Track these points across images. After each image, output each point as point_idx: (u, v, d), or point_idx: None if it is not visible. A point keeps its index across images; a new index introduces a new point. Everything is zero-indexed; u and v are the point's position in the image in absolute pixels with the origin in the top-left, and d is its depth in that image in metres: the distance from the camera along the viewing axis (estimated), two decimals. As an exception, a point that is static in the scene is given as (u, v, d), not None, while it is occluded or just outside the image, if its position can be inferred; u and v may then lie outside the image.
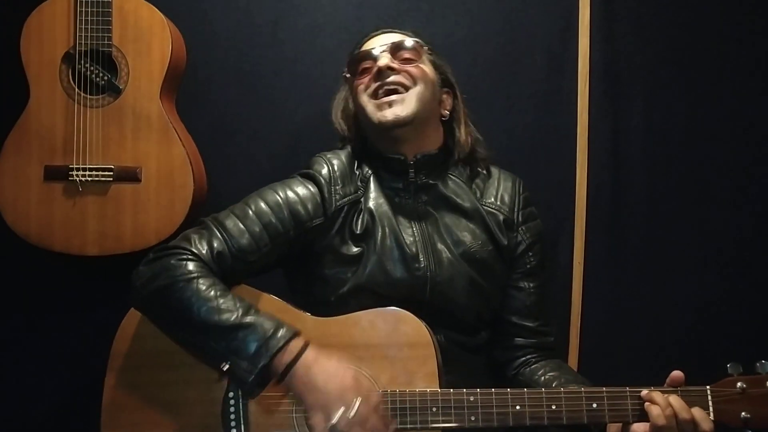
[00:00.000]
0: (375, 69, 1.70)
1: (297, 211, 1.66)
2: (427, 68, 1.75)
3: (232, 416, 1.52)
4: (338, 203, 1.68)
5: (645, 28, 2.35)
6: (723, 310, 2.32)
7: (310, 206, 1.67)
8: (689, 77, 2.35)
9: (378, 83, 1.70)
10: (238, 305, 1.49)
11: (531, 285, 1.77)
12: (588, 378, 1.71)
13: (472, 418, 1.46)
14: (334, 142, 1.88)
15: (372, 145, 1.78)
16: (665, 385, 1.47)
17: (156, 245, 1.96)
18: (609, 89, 2.34)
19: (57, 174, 2.03)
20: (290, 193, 1.68)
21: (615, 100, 2.35)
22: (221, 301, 1.48)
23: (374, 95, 1.70)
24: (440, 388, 1.50)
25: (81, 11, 2.01)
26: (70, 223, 2.04)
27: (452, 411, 1.47)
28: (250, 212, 1.64)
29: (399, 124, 1.67)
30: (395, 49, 1.73)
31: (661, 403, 1.41)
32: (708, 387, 1.44)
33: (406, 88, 1.70)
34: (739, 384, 1.42)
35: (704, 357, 2.25)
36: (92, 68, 2.04)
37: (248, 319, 1.47)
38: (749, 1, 2.35)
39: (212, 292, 1.49)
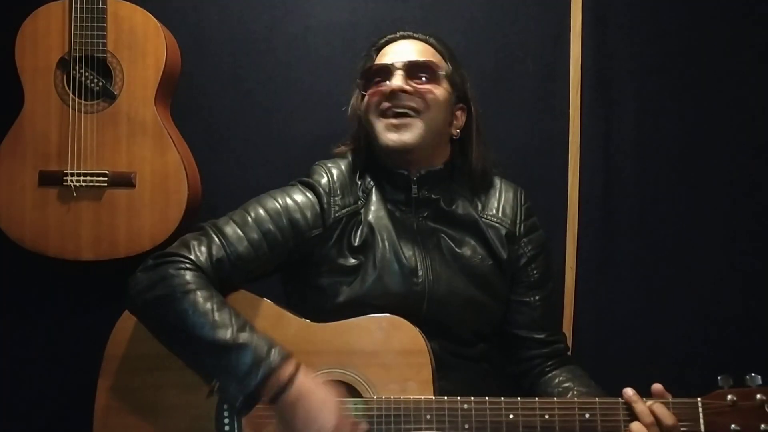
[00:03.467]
0: (388, 89, 1.66)
1: (296, 220, 1.64)
2: (442, 89, 1.70)
3: (226, 419, 1.53)
4: (337, 214, 1.66)
5: (636, 34, 2.36)
6: (715, 316, 2.33)
7: (309, 216, 1.65)
8: (680, 83, 2.36)
9: (389, 104, 1.66)
10: (233, 321, 1.45)
11: (536, 297, 1.74)
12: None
13: (466, 426, 1.47)
14: (329, 146, 1.86)
15: (377, 155, 1.74)
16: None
17: (151, 250, 2.01)
18: (601, 96, 2.35)
19: (51, 179, 2.04)
20: (290, 201, 1.66)
21: (607, 106, 2.35)
22: (217, 315, 1.45)
23: (383, 114, 1.67)
24: (434, 395, 1.50)
25: (76, 17, 2.01)
26: (65, 228, 2.04)
27: (446, 419, 1.47)
28: (249, 219, 1.61)
29: (404, 150, 1.65)
30: (411, 69, 1.68)
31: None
32: (699, 399, 1.45)
33: (417, 112, 1.65)
34: (729, 397, 1.43)
35: (696, 362, 2.28)
36: (87, 74, 2.04)
37: (242, 338, 1.43)
38: (740, 7, 2.36)
39: (209, 305, 1.46)
